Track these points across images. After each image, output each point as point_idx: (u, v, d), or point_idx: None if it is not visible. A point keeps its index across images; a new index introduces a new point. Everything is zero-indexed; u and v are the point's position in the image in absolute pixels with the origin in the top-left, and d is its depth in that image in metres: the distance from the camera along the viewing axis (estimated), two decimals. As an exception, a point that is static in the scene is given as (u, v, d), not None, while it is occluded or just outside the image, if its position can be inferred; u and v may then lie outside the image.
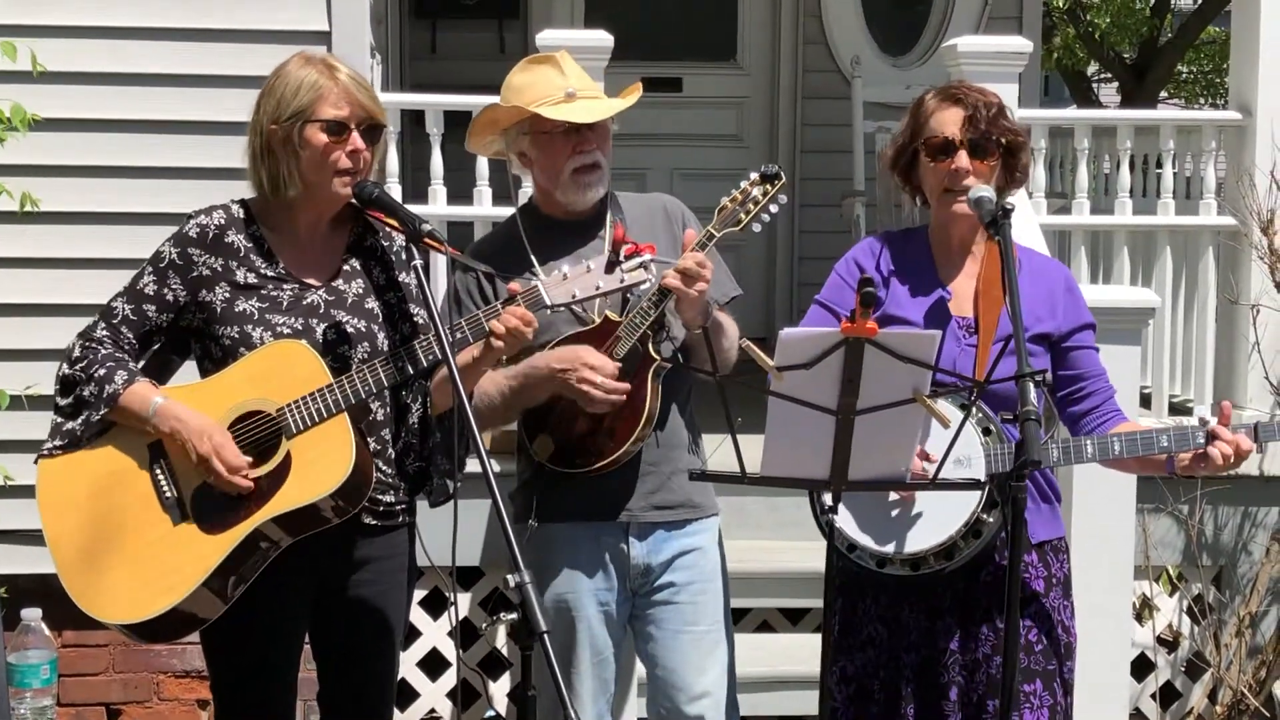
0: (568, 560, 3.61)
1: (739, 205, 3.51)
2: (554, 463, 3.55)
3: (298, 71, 3.22)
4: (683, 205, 3.79)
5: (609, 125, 3.64)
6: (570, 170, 3.56)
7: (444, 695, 5.51)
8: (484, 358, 3.22)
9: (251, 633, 3.24)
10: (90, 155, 5.19)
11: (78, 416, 3.18)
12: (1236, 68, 6.13)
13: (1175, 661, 5.70)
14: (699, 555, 3.67)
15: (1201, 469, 3.26)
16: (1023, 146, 3.44)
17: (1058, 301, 3.43)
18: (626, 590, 3.65)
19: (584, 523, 3.60)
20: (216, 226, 3.28)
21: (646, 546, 3.62)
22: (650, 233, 3.65)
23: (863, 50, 8.37)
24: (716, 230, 3.50)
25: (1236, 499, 5.63)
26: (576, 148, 3.55)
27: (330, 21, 5.21)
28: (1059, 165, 7.78)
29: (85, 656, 5.26)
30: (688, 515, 3.66)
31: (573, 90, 3.55)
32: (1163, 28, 14.89)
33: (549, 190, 3.64)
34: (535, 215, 3.71)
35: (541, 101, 3.53)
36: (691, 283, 3.39)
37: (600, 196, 3.65)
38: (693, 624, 3.65)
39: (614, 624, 3.66)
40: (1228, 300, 5.90)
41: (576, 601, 3.61)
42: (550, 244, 3.61)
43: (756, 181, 3.53)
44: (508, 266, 3.54)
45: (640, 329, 3.48)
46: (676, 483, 3.63)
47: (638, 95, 3.67)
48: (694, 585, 3.65)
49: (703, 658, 3.65)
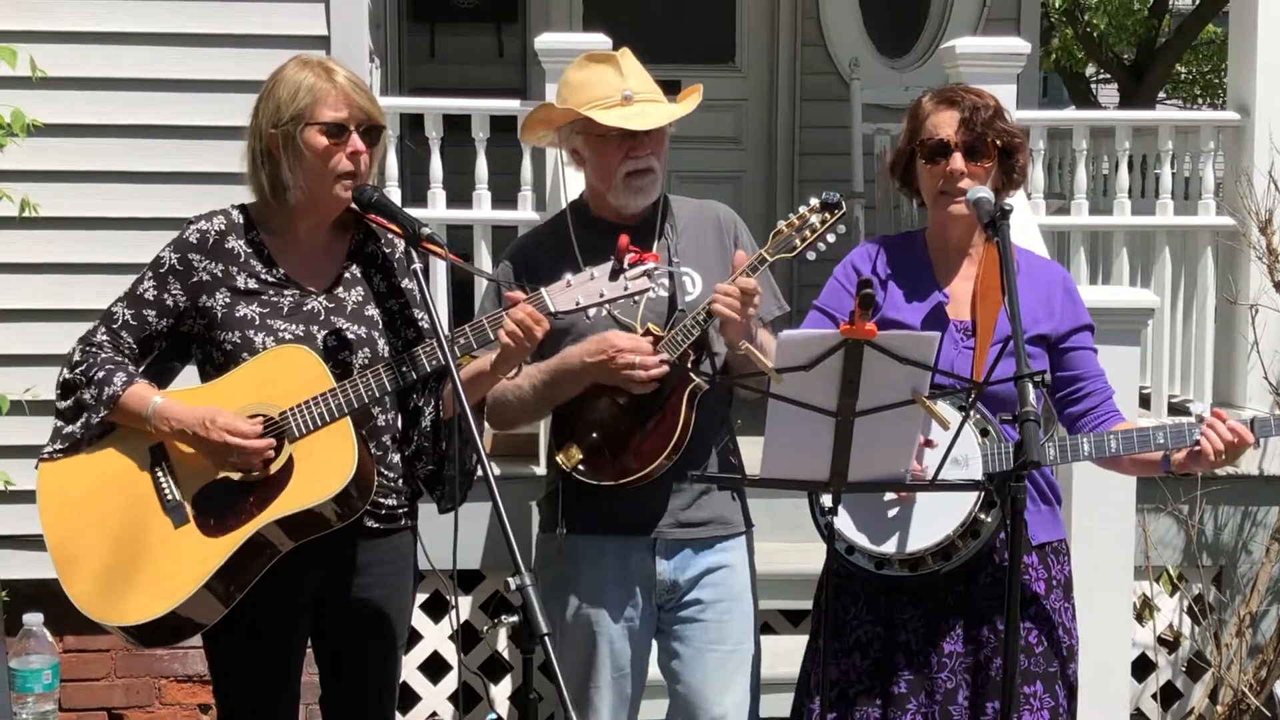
0: (593, 574, 3.54)
1: (795, 230, 3.47)
2: (580, 473, 3.47)
3: (295, 75, 3.22)
4: (735, 216, 3.70)
5: (667, 130, 3.54)
6: (623, 174, 3.48)
7: (445, 699, 5.51)
8: (499, 364, 3.20)
9: (254, 636, 3.24)
10: (90, 160, 5.20)
11: (78, 419, 3.18)
12: (1234, 68, 6.14)
13: (1176, 661, 5.70)
14: (727, 573, 3.59)
15: (1196, 466, 3.26)
16: (1020, 148, 3.43)
17: (1055, 303, 3.43)
18: (652, 605, 3.58)
19: (611, 537, 3.53)
20: (217, 232, 3.28)
21: (673, 564, 3.54)
22: (700, 240, 3.60)
23: (861, 52, 8.38)
24: (769, 255, 3.45)
25: (1236, 498, 5.63)
26: (630, 152, 3.46)
27: (329, 26, 5.22)
28: (1058, 166, 7.79)
29: (87, 661, 5.26)
30: (717, 533, 3.58)
31: (630, 93, 3.46)
32: (1161, 28, 14.89)
33: (601, 192, 3.56)
34: (585, 215, 3.63)
35: (596, 104, 3.45)
36: (740, 309, 3.33)
37: (652, 201, 3.57)
38: (718, 642, 3.58)
39: (637, 639, 3.59)
40: (1226, 300, 5.91)
41: (599, 616, 3.54)
42: (599, 247, 3.43)
43: (816, 209, 3.49)
44: (554, 265, 3.40)
45: (681, 347, 3.41)
46: (706, 500, 3.55)
47: (698, 100, 3.60)
48: (721, 604, 3.57)
49: (726, 677, 3.58)
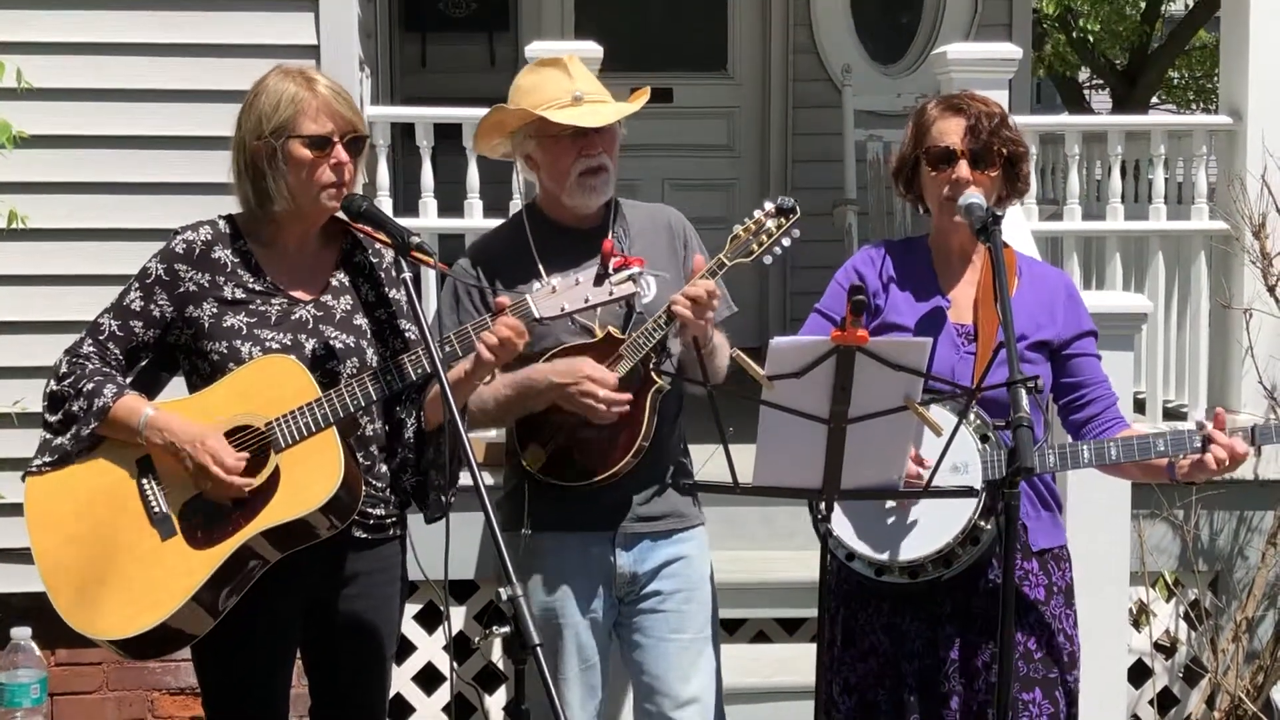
0: (554, 569, 3.61)
1: (752, 235, 3.52)
2: (545, 473, 3.54)
3: (277, 85, 3.20)
4: (685, 220, 3.77)
5: (617, 129, 3.61)
6: (577, 173, 3.54)
7: (440, 709, 5.49)
8: (475, 371, 3.20)
9: (242, 648, 3.22)
10: (78, 171, 5.18)
11: (66, 431, 3.16)
12: (1227, 73, 6.13)
13: (1173, 667, 5.69)
14: (685, 564, 3.67)
15: (1201, 475, 3.25)
16: (1024, 156, 3.43)
17: (1058, 308, 3.43)
18: (612, 598, 3.65)
19: (571, 533, 3.60)
20: (203, 242, 3.26)
21: (633, 556, 3.62)
22: (653, 246, 3.64)
23: (853, 59, 8.38)
24: (728, 259, 3.50)
25: (1232, 503, 5.62)
26: (583, 151, 3.53)
27: (319, 35, 5.21)
28: (1050, 172, 7.78)
29: (79, 675, 5.24)
30: (674, 525, 3.66)
31: (580, 94, 3.53)
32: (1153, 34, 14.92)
33: (555, 194, 3.61)
34: (541, 219, 3.68)
35: (548, 105, 3.51)
36: (701, 312, 3.39)
37: (607, 200, 3.63)
38: (679, 631, 3.65)
39: (600, 632, 3.66)
40: (1220, 305, 5.90)
41: (563, 609, 3.61)
42: (556, 251, 3.59)
43: (771, 214, 3.53)
44: (514, 271, 3.52)
45: (644, 350, 3.47)
46: (662, 495, 3.64)
47: (645, 99, 3.66)
48: (680, 594, 3.65)
49: (689, 665, 3.65)
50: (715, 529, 3.89)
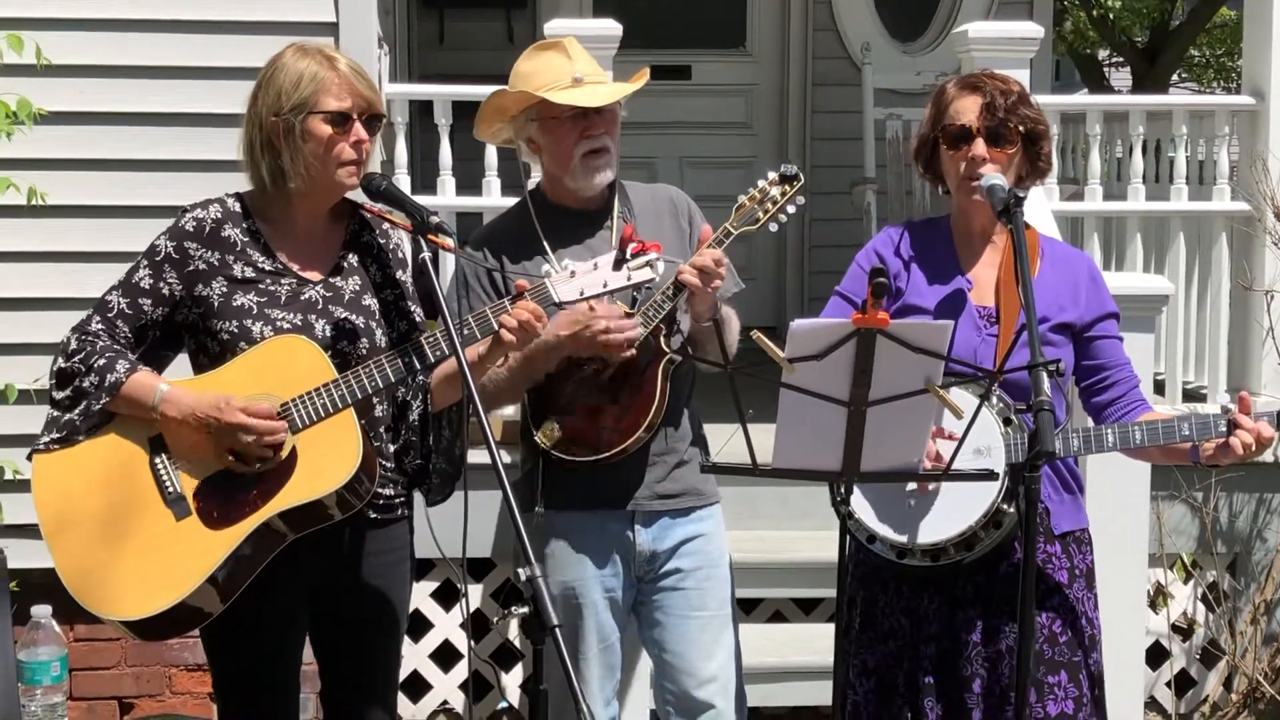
0: (573, 548, 3.62)
1: (757, 204, 3.54)
2: (559, 450, 3.54)
3: (296, 63, 3.19)
4: (688, 198, 3.79)
5: (617, 110, 3.63)
6: (579, 154, 3.56)
7: (456, 687, 5.51)
8: (491, 354, 3.19)
9: (251, 629, 3.21)
10: (97, 148, 5.18)
11: (75, 408, 3.14)
12: (1249, 51, 6.09)
13: (1190, 649, 5.68)
14: (704, 541, 3.68)
15: (1224, 459, 3.23)
16: (1045, 135, 3.40)
17: (1080, 290, 3.40)
18: (631, 577, 3.66)
19: (589, 511, 3.60)
20: (213, 220, 3.24)
21: (652, 534, 3.63)
22: (656, 224, 3.65)
23: (873, 37, 8.34)
24: (734, 228, 3.52)
25: (1251, 485, 5.60)
26: (585, 132, 3.55)
27: (337, 12, 5.19)
28: (1071, 151, 7.74)
29: (97, 650, 5.27)
30: (692, 503, 3.67)
31: (580, 75, 3.55)
32: (1174, 11, 14.82)
33: (558, 176, 3.63)
34: (544, 203, 3.70)
35: (549, 87, 3.53)
36: (708, 280, 3.41)
37: (609, 181, 3.64)
38: (699, 609, 3.66)
39: (619, 611, 3.67)
40: (1241, 286, 5.87)
41: (583, 589, 3.62)
42: (560, 233, 3.61)
43: (775, 181, 3.55)
44: (520, 253, 3.54)
45: (653, 323, 3.49)
46: (680, 472, 3.65)
47: (645, 79, 3.67)
48: (700, 571, 3.66)
49: (710, 642, 3.67)
50: (732, 509, 3.89)
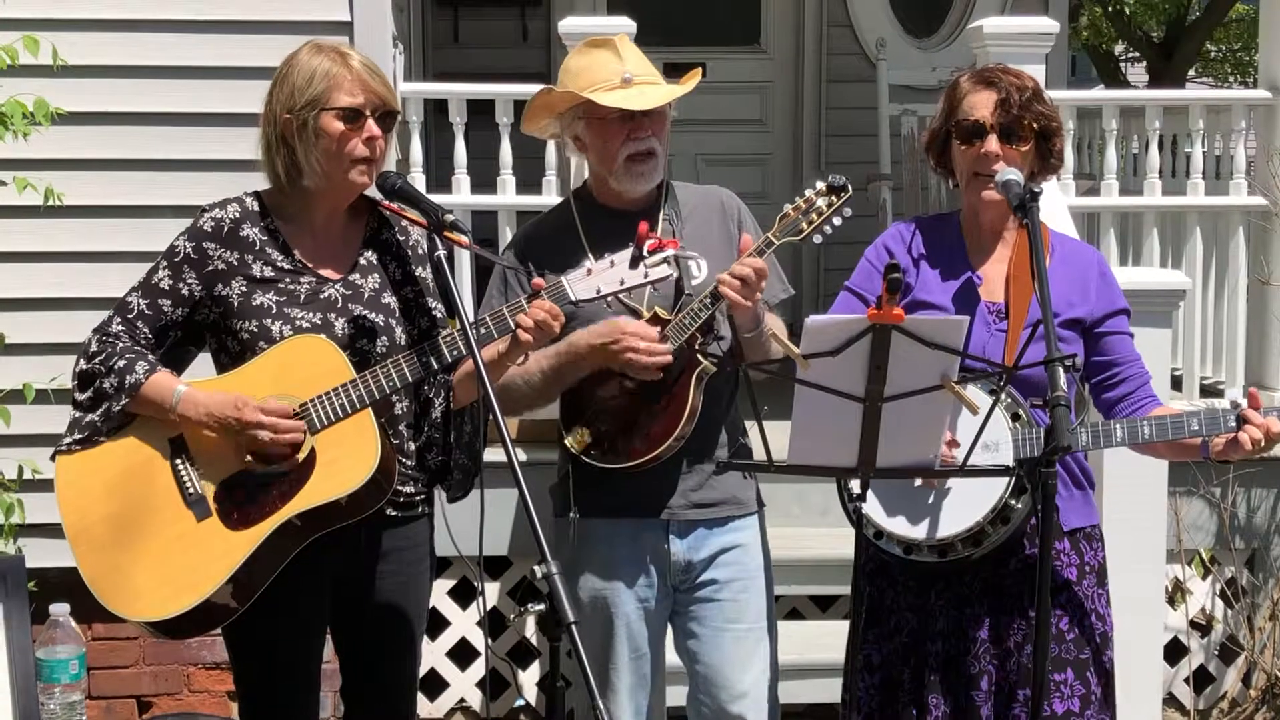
0: (607, 556, 3.56)
1: (802, 214, 3.47)
2: (589, 456, 3.49)
3: (310, 60, 3.19)
4: (739, 201, 3.71)
5: (667, 111, 3.55)
6: (624, 157, 3.49)
7: (473, 685, 5.52)
8: (510, 353, 3.18)
9: (273, 627, 3.22)
10: (113, 149, 5.19)
11: (97, 409, 3.15)
12: (1265, 46, 6.08)
13: (1209, 645, 5.66)
14: (741, 552, 3.60)
15: (1235, 454, 3.22)
16: (1058, 131, 3.38)
17: (1090, 286, 3.39)
18: (666, 586, 3.60)
19: (624, 519, 3.54)
20: (231, 220, 3.25)
21: (687, 544, 3.56)
22: (705, 226, 3.60)
23: (887, 33, 8.33)
24: (776, 238, 3.45)
25: (1269, 481, 5.59)
26: (631, 134, 3.48)
27: (352, 11, 5.19)
28: (1087, 146, 7.73)
29: (115, 649, 5.28)
30: (730, 512, 3.60)
31: (629, 75, 3.48)
32: (1190, 6, 14.78)
33: (604, 177, 3.58)
34: (589, 202, 3.64)
35: (597, 87, 3.47)
36: (748, 293, 3.34)
37: (655, 184, 3.58)
38: (735, 621, 3.59)
39: (653, 620, 3.61)
40: (1259, 281, 5.85)
41: (615, 598, 3.56)
42: (604, 233, 3.49)
43: (822, 192, 3.48)
44: (562, 255, 3.46)
45: (689, 330, 3.43)
46: (718, 480, 3.56)
47: (696, 81, 3.61)
48: (736, 583, 3.59)
49: (745, 656, 3.59)
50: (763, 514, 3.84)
